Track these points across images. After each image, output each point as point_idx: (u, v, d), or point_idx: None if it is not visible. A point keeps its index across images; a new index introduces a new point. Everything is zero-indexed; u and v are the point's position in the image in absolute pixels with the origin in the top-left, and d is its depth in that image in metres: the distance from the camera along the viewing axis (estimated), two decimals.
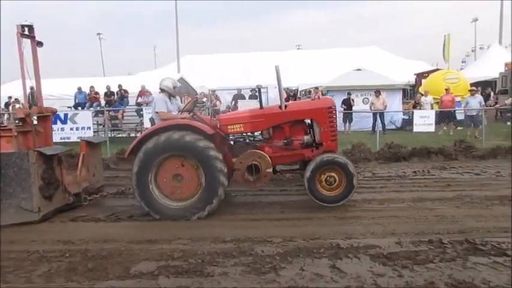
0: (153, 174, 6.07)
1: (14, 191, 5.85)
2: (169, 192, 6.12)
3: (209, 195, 6.00)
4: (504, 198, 6.57)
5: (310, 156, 6.53)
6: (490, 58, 25.14)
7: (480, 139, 12.67)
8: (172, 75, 22.07)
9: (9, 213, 5.83)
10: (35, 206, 5.88)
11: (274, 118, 6.58)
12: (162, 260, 4.54)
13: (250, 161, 6.27)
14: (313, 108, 6.68)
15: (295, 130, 6.70)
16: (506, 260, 4.24)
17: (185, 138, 5.93)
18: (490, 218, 5.66)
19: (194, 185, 6.10)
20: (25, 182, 5.84)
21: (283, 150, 6.61)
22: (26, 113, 6.95)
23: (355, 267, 4.22)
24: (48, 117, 7.51)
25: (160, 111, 6.67)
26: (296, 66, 26.42)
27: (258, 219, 5.99)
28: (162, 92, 6.96)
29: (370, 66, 20.71)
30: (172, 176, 6.10)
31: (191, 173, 6.09)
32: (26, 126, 6.85)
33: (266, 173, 6.32)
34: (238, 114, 6.95)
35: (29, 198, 5.85)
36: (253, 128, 6.63)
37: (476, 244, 4.64)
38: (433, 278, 3.91)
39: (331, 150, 6.55)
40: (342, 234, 5.17)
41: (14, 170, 5.84)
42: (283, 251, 4.67)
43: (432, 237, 4.92)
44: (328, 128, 6.55)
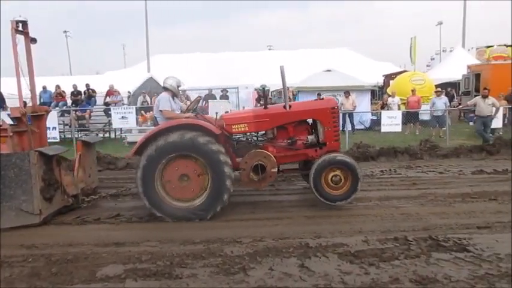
0: (160, 173, 5.97)
1: (15, 193, 5.63)
2: (175, 192, 6.03)
3: (214, 199, 5.96)
4: (466, 195, 6.82)
5: (314, 155, 6.58)
6: (454, 60, 26.00)
7: (444, 139, 13.09)
8: (142, 74, 21.80)
9: (9, 216, 5.61)
10: (36, 208, 5.67)
11: (279, 118, 6.60)
12: (130, 263, 4.46)
13: (256, 161, 6.25)
14: (318, 109, 6.71)
15: (299, 130, 6.73)
16: (467, 255, 4.40)
17: (198, 140, 5.86)
18: (452, 215, 5.86)
19: (200, 186, 6.04)
20: (26, 183, 5.63)
21: (287, 150, 6.62)
22: (22, 112, 6.69)
23: (323, 266, 4.28)
24: (42, 116, 7.27)
25: (165, 110, 6.51)
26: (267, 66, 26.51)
27: (228, 220, 5.99)
28: (166, 90, 6.80)
29: (340, 67, 21.00)
30: (179, 176, 6.01)
31: (198, 174, 6.02)
32: (22, 126, 6.60)
33: (271, 173, 6.31)
34: (243, 114, 6.93)
35: (30, 200, 5.65)
36: (257, 127, 6.61)
37: (439, 241, 4.80)
38: (398, 274, 4.02)
39: (334, 149, 6.62)
40: (311, 233, 5.23)
41: (15, 171, 5.62)
42: (252, 251, 4.69)
43: (398, 235, 5.06)
44: (331, 128, 6.61)
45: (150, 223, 5.99)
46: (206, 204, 5.96)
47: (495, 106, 12.19)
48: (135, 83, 19.38)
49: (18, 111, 6.64)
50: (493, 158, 10.42)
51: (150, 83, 18.92)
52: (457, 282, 3.83)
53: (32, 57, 7.05)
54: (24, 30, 6.90)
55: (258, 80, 22.09)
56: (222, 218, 6.06)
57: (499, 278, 3.86)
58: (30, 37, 6.96)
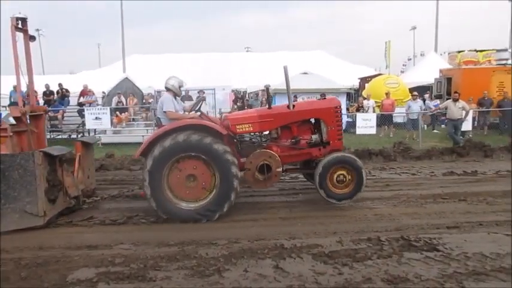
0: (167, 174, 5.92)
1: (19, 195, 5.46)
2: (182, 193, 5.99)
3: (222, 199, 5.94)
4: (437, 196, 6.99)
5: (318, 155, 6.64)
6: (427, 65, 26.62)
7: (417, 141, 13.40)
8: (117, 74, 21.47)
9: (13, 219, 5.46)
10: (40, 210, 5.52)
11: (283, 118, 6.62)
12: (102, 266, 4.39)
13: (261, 161, 6.26)
14: (322, 108, 6.77)
15: (302, 129, 6.76)
16: (437, 254, 4.51)
17: (205, 140, 5.84)
18: (423, 216, 6.00)
19: (207, 187, 6.02)
20: (30, 184, 5.47)
21: (291, 149, 6.65)
22: (23, 111, 6.50)
23: (298, 267, 4.31)
24: (41, 116, 7.10)
25: (169, 111, 6.41)
26: (245, 68, 26.58)
27: (204, 222, 5.95)
28: (168, 91, 6.68)
29: (316, 70, 21.25)
30: (185, 177, 5.97)
31: (205, 175, 5.99)
32: (21, 126, 6.42)
33: (276, 172, 6.33)
34: (247, 114, 6.89)
35: (34, 201, 5.49)
36: (262, 127, 6.62)
37: (410, 241, 4.90)
38: (371, 274, 4.08)
39: (338, 149, 6.69)
40: (286, 235, 5.27)
41: (19, 172, 5.45)
42: (227, 253, 4.68)
43: (371, 235, 5.14)
44: (335, 127, 6.68)
45: (124, 225, 5.91)
46: (213, 204, 5.95)
47: (465, 109, 12.57)
48: (110, 83, 19.07)
49: (18, 111, 6.46)
50: (463, 160, 10.72)
51: (126, 83, 18.63)
52: (427, 281, 3.92)
53: (31, 55, 6.89)
54: (24, 27, 6.74)
55: (235, 82, 22.11)
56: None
57: (467, 277, 3.97)
58: (29, 35, 6.82)
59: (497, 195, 7.00)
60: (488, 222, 5.59)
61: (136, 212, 6.40)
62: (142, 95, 18.91)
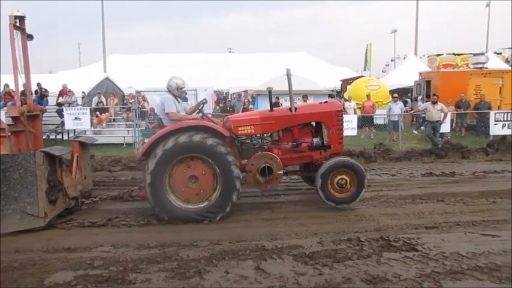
0: (169, 175, 5.89)
1: (19, 196, 5.37)
2: (184, 194, 5.97)
3: (224, 200, 5.94)
4: (416, 197, 7.10)
5: (319, 158, 6.67)
6: (407, 67, 27.05)
7: (397, 143, 13.60)
8: (97, 74, 21.17)
9: (13, 220, 5.36)
10: (41, 211, 5.43)
11: (285, 120, 6.62)
12: (81, 269, 4.32)
13: (262, 163, 6.27)
14: (324, 112, 6.77)
15: (303, 132, 6.78)
16: (415, 254, 4.59)
17: (208, 142, 5.83)
18: (403, 216, 6.09)
19: (209, 188, 6.00)
20: (31, 185, 5.38)
21: (292, 152, 6.65)
22: (21, 111, 6.35)
23: (279, 268, 4.33)
24: (38, 116, 6.96)
25: (171, 112, 6.34)
26: (227, 69, 26.53)
27: (185, 223, 5.91)
28: (170, 92, 6.61)
29: (299, 71, 21.31)
30: (188, 178, 5.94)
31: (207, 176, 5.98)
32: (19, 126, 6.28)
33: (277, 175, 6.35)
34: (249, 116, 6.88)
35: (35, 202, 5.39)
36: (263, 130, 6.62)
37: (390, 241, 4.98)
38: (350, 274, 4.13)
39: (338, 152, 6.74)
40: (268, 236, 5.28)
41: (20, 172, 5.35)
42: (209, 255, 4.67)
43: (351, 236, 5.21)
44: (336, 130, 6.71)
45: (104, 228, 5.82)
46: (216, 205, 5.94)
47: (443, 112, 12.82)
48: (90, 83, 18.77)
49: (16, 111, 6.32)
50: (442, 161, 10.93)
51: (106, 83, 18.34)
52: (406, 280, 3.99)
53: (28, 54, 6.74)
54: (21, 26, 6.60)
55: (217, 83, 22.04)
56: (177, 221, 5.98)
57: (444, 276, 4.06)
58: (27, 33, 6.69)
59: (473, 195, 7.16)
60: (465, 222, 5.71)
61: (116, 213, 6.33)
62: (123, 95, 18.67)
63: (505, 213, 6.10)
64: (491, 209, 6.36)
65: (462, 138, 14.40)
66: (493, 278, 3.99)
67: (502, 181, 8.38)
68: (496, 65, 23.61)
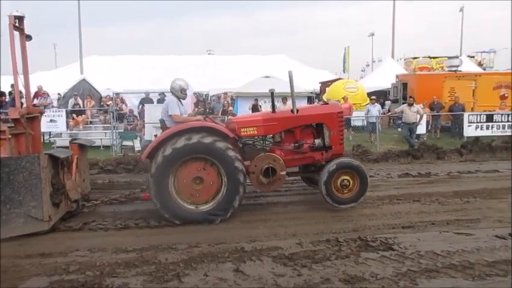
0: (174, 177, 5.88)
1: (24, 199, 5.26)
2: (188, 195, 5.96)
3: (229, 200, 5.98)
4: (393, 197, 7.22)
5: (320, 159, 6.74)
6: (384, 70, 27.51)
7: (375, 144, 13.80)
8: (74, 76, 20.78)
9: (17, 224, 5.25)
10: (45, 215, 5.34)
11: (288, 122, 6.68)
12: (56, 275, 4.24)
13: (265, 164, 6.30)
14: (325, 113, 6.86)
15: (305, 134, 6.85)
16: (392, 254, 4.67)
17: (214, 143, 5.86)
18: (380, 216, 6.18)
19: (213, 189, 6.02)
20: (35, 188, 5.28)
21: (294, 153, 6.71)
22: (22, 113, 6.22)
23: (258, 269, 4.34)
24: (37, 118, 6.81)
25: (174, 114, 6.31)
26: (207, 71, 26.44)
27: (163, 226, 5.87)
28: (173, 94, 6.56)
29: (278, 73, 21.41)
30: (192, 179, 5.93)
31: (212, 177, 5.99)
32: (19, 128, 6.14)
33: (280, 175, 6.40)
34: (252, 118, 6.96)
35: (39, 206, 5.30)
36: (266, 131, 6.64)
37: (367, 241, 5.05)
38: (329, 274, 4.18)
39: (339, 153, 6.81)
40: (247, 238, 5.28)
41: (24, 175, 5.24)
42: (187, 258, 4.64)
43: (330, 237, 5.26)
44: (337, 131, 6.80)
45: (80, 232, 5.71)
46: (221, 205, 5.96)
47: (419, 113, 13.08)
48: (66, 84, 18.40)
49: (17, 112, 6.20)
50: (418, 162, 11.13)
51: (83, 84, 18.00)
52: (383, 279, 4.05)
53: (27, 55, 6.61)
54: (20, 26, 6.45)
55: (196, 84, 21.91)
56: (156, 224, 5.93)
57: (420, 274, 4.14)
58: (26, 34, 6.55)
59: (448, 195, 7.33)
60: (440, 222, 5.84)
61: (93, 217, 6.24)
62: (100, 97, 18.37)
63: (478, 212, 6.27)
64: (465, 208, 6.52)
65: (437, 140, 14.73)
66: (466, 276, 4.09)
67: (476, 181, 8.61)
68: (469, 68, 24.25)
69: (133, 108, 16.49)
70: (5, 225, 5.19)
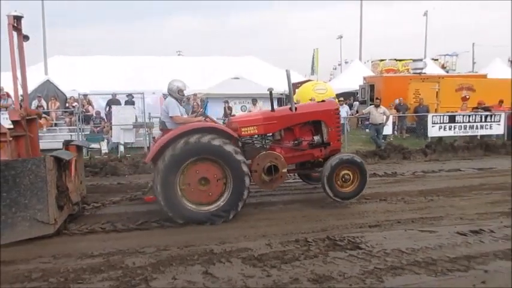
0: (180, 178, 5.86)
1: (29, 202, 5.14)
2: (195, 196, 5.96)
3: (235, 200, 5.99)
4: (360, 197, 7.27)
5: (319, 155, 6.91)
6: (352, 72, 28.06)
7: (343, 145, 14.02)
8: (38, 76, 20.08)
9: (23, 228, 5.13)
10: (51, 218, 5.23)
11: (287, 120, 6.78)
12: (17, 282, 4.09)
13: (268, 162, 6.36)
14: (323, 110, 7.01)
15: (304, 131, 6.94)
16: (359, 252, 4.75)
17: (218, 143, 5.87)
18: (348, 216, 6.29)
19: (218, 191, 6.01)
20: (41, 191, 5.16)
21: (294, 150, 6.82)
22: (22, 115, 6.03)
23: (227, 271, 4.32)
24: (34, 120, 6.59)
25: (175, 116, 6.29)
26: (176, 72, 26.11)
27: (131, 230, 5.76)
28: (171, 95, 6.51)
29: (248, 75, 21.45)
30: (198, 180, 5.92)
31: (218, 179, 6.00)
32: (19, 130, 6.00)
33: (283, 173, 6.48)
34: (253, 117, 7.00)
35: (45, 209, 5.18)
36: (266, 130, 6.72)
37: (335, 240, 5.13)
38: (298, 274, 4.20)
39: (337, 149, 7.00)
40: (216, 240, 5.25)
41: (30, 178, 5.12)
42: (155, 261, 4.57)
43: (299, 237, 5.30)
44: (335, 128, 6.97)
45: (43, 237, 5.50)
46: (228, 205, 5.98)
47: (385, 115, 13.41)
48: (29, 85, 17.76)
49: (17, 115, 6.07)
50: (385, 162, 11.41)
51: (47, 85, 17.45)
52: (350, 278, 4.11)
53: (24, 55, 6.42)
54: (18, 26, 6.24)
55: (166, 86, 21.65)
56: (123, 228, 5.82)
57: (386, 272, 4.23)
58: (23, 34, 6.35)
59: (413, 194, 7.55)
60: (405, 220, 5.99)
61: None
62: (65, 99, 17.88)
63: (441, 210, 6.48)
64: (429, 207, 6.72)
65: (403, 140, 15.15)
66: (429, 272, 4.21)
67: (439, 180, 8.90)
68: (433, 71, 25.13)
69: (100, 110, 16.13)
70: (11, 229, 5.08)
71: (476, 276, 4.09)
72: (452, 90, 17.92)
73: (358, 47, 35.74)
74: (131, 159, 10.67)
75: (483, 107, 15.16)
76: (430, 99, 17.36)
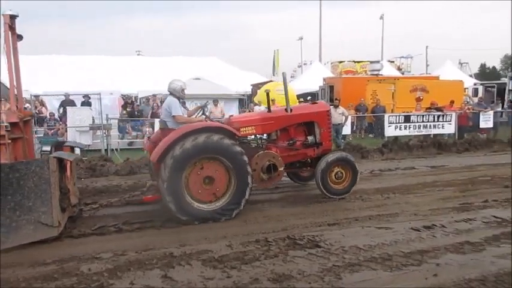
0: (186, 177, 5.94)
1: (34, 205, 5.04)
2: (200, 194, 6.06)
3: (239, 197, 6.13)
4: (320, 196, 7.42)
5: (312, 154, 7.20)
6: (313, 73, 28.50)
7: None
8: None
9: (28, 231, 5.02)
10: (55, 220, 5.14)
11: (283, 120, 7.06)
12: None
13: (266, 161, 6.56)
14: (317, 111, 7.34)
15: (298, 132, 7.24)
16: (318, 250, 4.83)
17: (224, 142, 6.00)
18: (308, 215, 6.37)
19: (222, 189, 6.13)
20: (45, 193, 5.08)
21: (289, 150, 7.10)
22: (20, 116, 5.99)
23: (187, 274, 4.27)
24: (29, 121, 6.35)
25: (178, 115, 6.35)
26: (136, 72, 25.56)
27: (87, 235, 5.58)
28: (172, 95, 6.54)
29: (209, 76, 21.31)
30: (203, 178, 6.02)
31: (221, 174, 6.10)
32: (16, 132, 5.86)
33: (280, 172, 6.72)
34: (251, 117, 7.24)
35: (49, 211, 5.10)
36: (264, 130, 7.00)
37: (295, 239, 5.18)
38: (258, 274, 4.22)
39: (328, 149, 7.33)
40: (176, 243, 5.18)
41: (34, 180, 5.03)
42: (112, 267, 4.45)
43: (259, 237, 5.32)
44: (326, 129, 7.29)
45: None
46: (231, 202, 6.12)
47: (344, 115, 13.71)
48: None
49: (15, 116, 5.93)
50: None
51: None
52: (309, 276, 4.17)
53: (18, 55, 6.14)
54: (12, 25, 5.97)
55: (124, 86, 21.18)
56: (78, 233, 5.62)
57: (344, 269, 4.32)
58: (17, 34, 6.09)
59: (370, 192, 7.75)
60: (363, 217, 6.15)
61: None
62: None
63: (396, 207, 6.70)
64: (385, 204, 6.93)
65: (361, 140, 15.55)
66: (385, 267, 4.34)
67: (395, 178, 9.21)
68: (389, 72, 25.91)
69: (54, 112, 15.52)
70: (15, 232, 4.97)
71: (429, 270, 4.26)
72: (407, 91, 18.58)
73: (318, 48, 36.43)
74: (87, 162, 10.31)
75: (435, 107, 15.82)
76: (386, 99, 17.91)
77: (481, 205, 6.69)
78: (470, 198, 7.17)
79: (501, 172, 9.41)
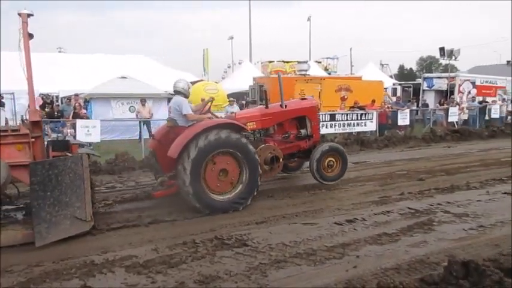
0: (204, 171, 6.31)
1: (70, 200, 5.24)
2: (216, 187, 6.47)
3: (252, 186, 6.64)
4: None
5: (305, 146, 7.96)
6: (243, 72, 28.71)
7: None
8: None
9: (65, 225, 5.18)
10: (88, 215, 5.36)
11: (280, 116, 7.75)
12: None
13: (268, 153, 7.17)
14: (309, 107, 8.14)
15: (292, 126, 7.98)
16: (246, 249, 4.87)
17: (238, 137, 6.53)
18: (236, 214, 6.39)
19: (236, 177, 6.61)
20: (79, 188, 5.32)
21: (286, 143, 7.79)
22: (42, 115, 5.41)
23: (109, 282, 4.10)
24: (39, 120, 6.13)
25: (189, 114, 6.73)
26: (57, 70, 24.01)
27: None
28: (179, 94, 6.97)
29: (137, 74, 20.59)
30: (218, 172, 6.45)
31: (233, 166, 6.56)
32: (36, 131, 5.78)
33: (280, 163, 7.33)
34: (252, 113, 7.70)
35: (83, 206, 5.32)
36: (263, 125, 7.56)
37: (223, 239, 5.17)
38: (184, 278, 4.15)
39: (318, 141, 8.13)
40: (98, 249, 4.94)
41: (70, 176, 5.25)
42: (25, 279, 4.15)
43: (187, 239, 5.24)
44: (316, 122, 8.18)
45: None
46: (244, 193, 6.59)
47: None
48: None
49: (38, 115, 5.94)
50: None
51: None
52: (236, 275, 4.19)
53: (30, 54, 5.91)
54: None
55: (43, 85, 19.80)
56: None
57: (270, 266, 4.39)
58: (28, 32, 5.85)
59: (298, 189, 7.97)
60: (290, 215, 6.29)
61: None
62: None
63: (322, 203, 6.95)
64: (312, 200, 7.16)
65: None
66: (309, 262, 4.48)
67: None
68: (316, 73, 26.88)
69: None
70: (54, 227, 5.10)
71: (349, 262, 4.47)
72: (332, 90, 19.33)
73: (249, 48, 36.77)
74: None
75: (358, 106, 16.63)
76: None
77: (397, 198, 7.15)
78: (389, 191, 7.63)
79: (416, 166, 10.15)
